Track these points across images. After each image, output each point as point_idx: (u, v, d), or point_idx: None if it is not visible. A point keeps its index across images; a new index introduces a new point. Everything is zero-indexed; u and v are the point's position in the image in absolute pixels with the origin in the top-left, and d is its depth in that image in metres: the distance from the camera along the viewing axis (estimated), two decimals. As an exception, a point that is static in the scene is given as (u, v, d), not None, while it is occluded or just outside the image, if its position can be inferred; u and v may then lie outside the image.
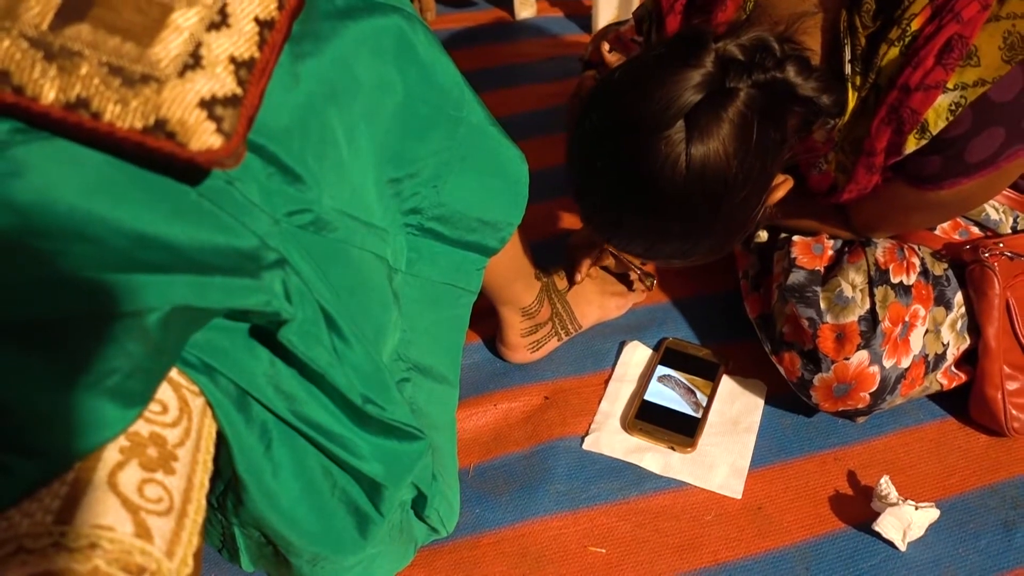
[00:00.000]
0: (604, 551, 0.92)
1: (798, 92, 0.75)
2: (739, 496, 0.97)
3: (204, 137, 0.52)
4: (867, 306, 0.95)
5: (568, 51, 1.69)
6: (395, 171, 0.71)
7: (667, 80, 0.72)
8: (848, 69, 0.80)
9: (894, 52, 0.78)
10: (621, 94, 0.75)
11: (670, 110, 0.72)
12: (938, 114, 0.77)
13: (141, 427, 0.54)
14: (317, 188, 0.63)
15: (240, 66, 0.54)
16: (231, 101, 0.53)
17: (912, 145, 0.79)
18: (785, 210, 0.97)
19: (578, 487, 0.98)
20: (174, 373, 0.58)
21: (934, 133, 0.78)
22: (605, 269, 1.18)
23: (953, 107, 0.76)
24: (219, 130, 0.53)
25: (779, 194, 0.85)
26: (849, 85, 0.81)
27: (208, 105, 0.53)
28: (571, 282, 1.12)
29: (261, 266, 0.58)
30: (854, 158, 0.87)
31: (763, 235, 1.08)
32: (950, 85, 0.76)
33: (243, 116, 0.54)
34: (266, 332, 0.61)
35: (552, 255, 1.15)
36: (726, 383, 1.08)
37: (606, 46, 1.08)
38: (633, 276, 1.18)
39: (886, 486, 0.93)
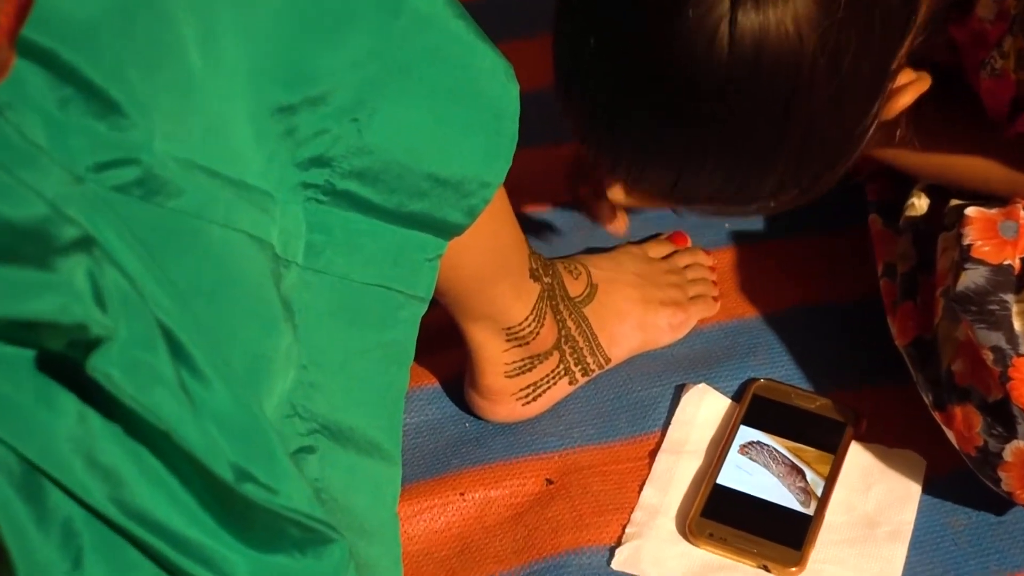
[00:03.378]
0: None
1: None
2: (877, 648, 0.98)
3: (-59, 34, 0.53)
4: (1092, 328, 0.96)
5: None
6: (286, 94, 0.72)
7: None
8: None
9: None
10: None
11: None
12: None
13: None
14: (146, 123, 0.64)
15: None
16: (-12, -27, 0.54)
17: None
18: (929, 142, 0.98)
19: (604, 633, 0.99)
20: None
21: None
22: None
23: None
24: (-34, 22, 0.54)
25: (904, 101, 0.84)
26: None
27: (-52, -20, 0.53)
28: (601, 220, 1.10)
29: (51, 249, 0.58)
30: None
31: (919, 204, 1.09)
32: None
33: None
34: (69, 365, 0.62)
35: (560, 236, 1.15)
36: (857, 457, 1.09)
37: None
38: None
39: None
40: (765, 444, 1.09)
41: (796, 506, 1.05)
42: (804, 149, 0.79)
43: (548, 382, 1.11)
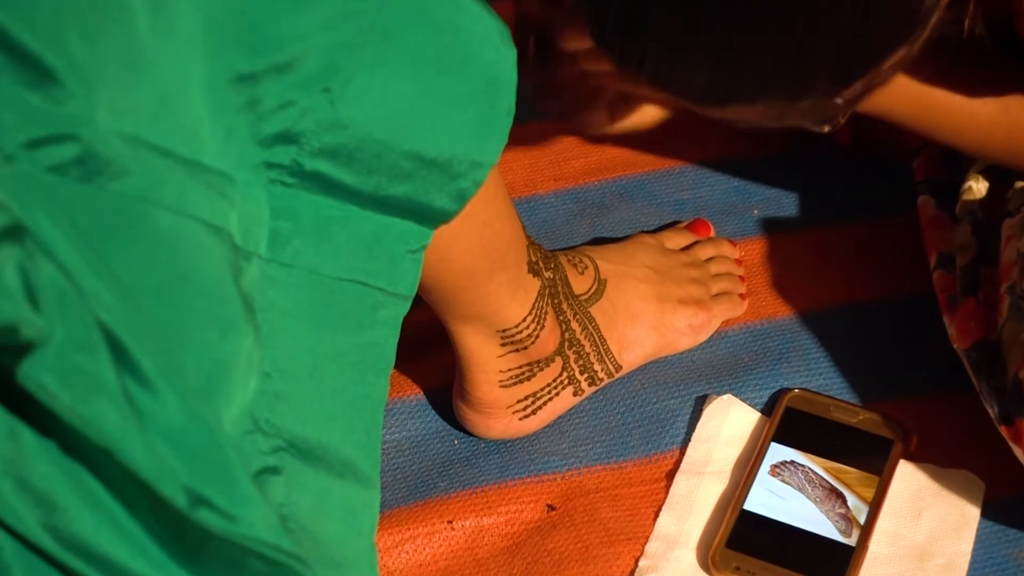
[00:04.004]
0: None
1: None
2: None
3: None
4: None
5: None
6: (248, 60, 0.72)
7: None
8: None
9: None
10: None
11: None
12: None
13: None
14: (86, 94, 0.64)
15: None
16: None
17: None
18: (971, 85, 0.98)
19: None
20: None
21: None
22: None
23: None
24: None
25: None
26: None
27: None
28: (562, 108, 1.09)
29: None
30: None
31: (976, 187, 1.09)
32: None
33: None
34: (-3, 373, 0.63)
35: (563, 225, 1.15)
36: (906, 478, 1.09)
37: None
38: None
39: None
40: (800, 464, 1.09)
41: (836, 535, 1.05)
42: (864, 12, 0.77)
43: (549, 393, 1.11)
